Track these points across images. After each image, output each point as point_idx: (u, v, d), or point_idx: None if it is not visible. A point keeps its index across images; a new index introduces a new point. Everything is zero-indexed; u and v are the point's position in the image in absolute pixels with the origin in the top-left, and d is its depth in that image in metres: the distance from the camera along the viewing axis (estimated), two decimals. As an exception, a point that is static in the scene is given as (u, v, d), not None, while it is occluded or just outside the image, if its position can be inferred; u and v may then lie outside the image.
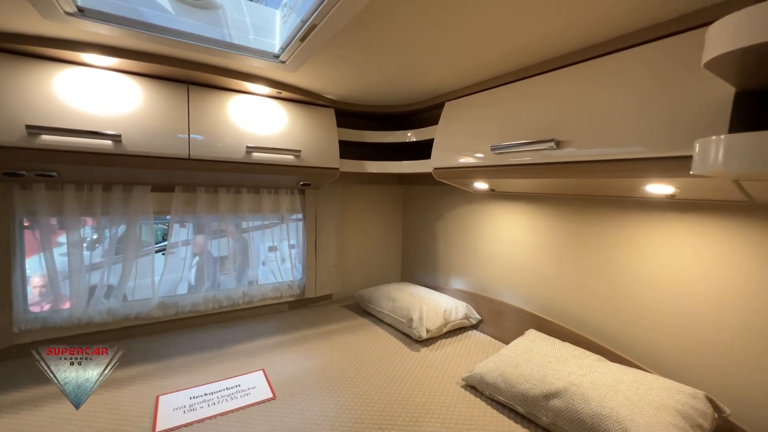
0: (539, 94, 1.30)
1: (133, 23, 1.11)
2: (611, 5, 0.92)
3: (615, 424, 0.98)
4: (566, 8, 0.95)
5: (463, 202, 2.18)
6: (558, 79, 1.23)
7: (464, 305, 1.98)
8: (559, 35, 1.10)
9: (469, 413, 1.24)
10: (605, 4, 0.91)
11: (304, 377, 1.46)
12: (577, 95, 1.15)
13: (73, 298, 1.67)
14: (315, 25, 1.04)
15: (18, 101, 1.26)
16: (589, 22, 1.00)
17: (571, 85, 1.18)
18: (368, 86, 1.74)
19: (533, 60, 1.30)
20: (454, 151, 1.70)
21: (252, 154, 1.69)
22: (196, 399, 1.28)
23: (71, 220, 1.65)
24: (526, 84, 1.37)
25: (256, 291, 2.15)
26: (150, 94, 1.50)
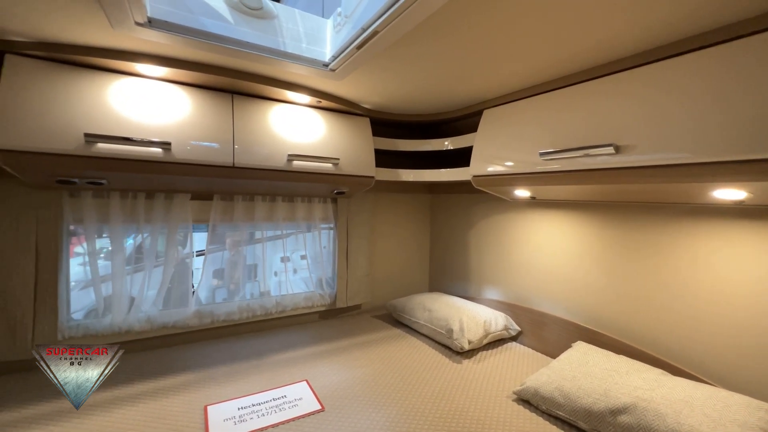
0: (593, 99, 1.28)
1: (196, 33, 1.14)
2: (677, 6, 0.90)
3: (697, 442, 0.92)
4: (629, 11, 0.94)
5: (497, 210, 2.15)
6: (617, 82, 1.21)
7: (503, 316, 1.93)
8: (617, 39, 1.09)
9: (527, 429, 1.19)
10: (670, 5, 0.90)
11: (350, 388, 1.42)
12: (641, 98, 1.13)
13: (114, 306, 1.67)
14: (376, 33, 1.04)
15: (77, 111, 1.29)
16: (652, 23, 0.99)
17: (633, 89, 1.16)
18: (405, 95, 1.75)
19: (586, 65, 1.29)
20: (496, 158, 1.68)
21: (293, 163, 1.70)
22: (244, 410, 1.25)
23: (115, 228, 1.66)
24: (576, 89, 1.35)
25: (289, 300, 2.13)
26: (197, 104, 1.52)
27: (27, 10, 1.04)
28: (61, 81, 1.29)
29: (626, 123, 1.16)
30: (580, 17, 0.99)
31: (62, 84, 1.29)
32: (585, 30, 1.06)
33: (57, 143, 1.25)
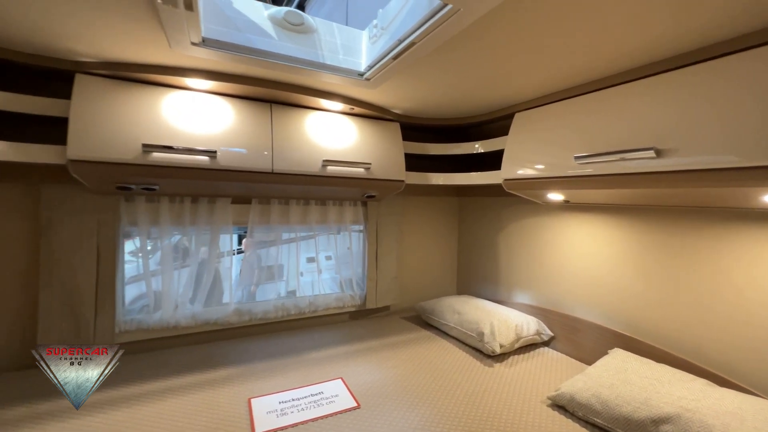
0: (630, 102, 1.26)
1: (244, 49, 1.22)
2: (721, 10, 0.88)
3: (747, 456, 0.89)
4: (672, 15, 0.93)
5: (528, 214, 2.13)
6: (657, 85, 1.19)
7: (535, 320, 1.91)
8: (658, 42, 1.07)
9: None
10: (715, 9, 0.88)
11: (383, 387, 1.46)
12: (682, 101, 1.10)
13: (163, 303, 1.80)
14: (413, 44, 1.08)
15: (135, 123, 1.41)
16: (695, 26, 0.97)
17: (674, 91, 1.13)
18: (436, 100, 1.78)
19: (623, 67, 1.27)
20: (528, 161, 1.67)
21: (327, 168, 1.76)
22: (285, 404, 1.32)
23: (165, 229, 1.79)
24: (613, 92, 1.33)
25: (321, 301, 2.21)
26: (239, 114, 1.61)
27: (95, 34, 1.16)
28: (122, 96, 1.41)
29: (667, 126, 1.14)
30: (621, 21, 0.98)
31: (122, 99, 1.41)
32: (625, 33, 1.05)
33: (119, 153, 1.37)
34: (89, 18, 1.05)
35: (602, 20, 0.98)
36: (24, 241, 1.58)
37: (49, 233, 1.56)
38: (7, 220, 1.55)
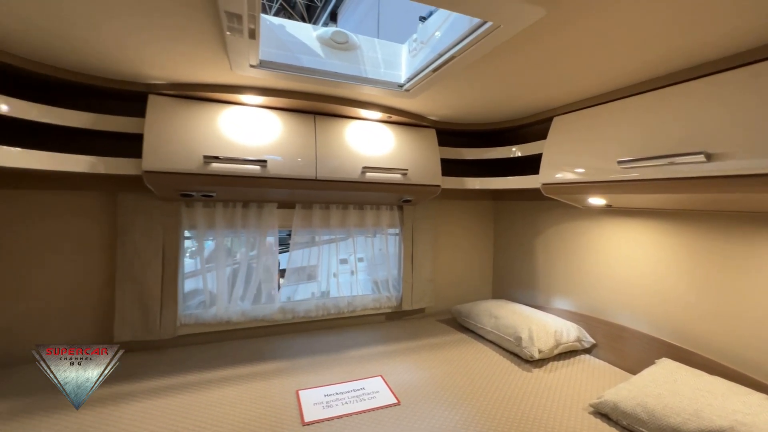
0: (677, 105, 1.23)
1: (295, 68, 1.33)
2: None
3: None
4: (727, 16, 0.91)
5: (568, 218, 2.09)
6: (706, 86, 1.15)
7: (575, 327, 1.88)
8: (707, 43, 1.04)
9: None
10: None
11: (422, 386, 1.51)
12: (734, 103, 1.07)
13: (218, 300, 1.97)
14: (453, 58, 1.13)
15: (197, 137, 1.57)
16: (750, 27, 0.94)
17: (725, 93, 1.10)
18: (472, 106, 1.81)
19: (669, 69, 1.24)
20: (568, 165, 1.66)
21: (366, 174, 1.85)
22: (330, 397, 1.41)
23: (219, 232, 1.96)
24: (658, 95, 1.30)
25: (359, 301, 2.29)
26: (286, 126, 1.74)
27: (168, 60, 1.32)
28: (186, 113, 1.58)
29: (717, 129, 1.10)
30: (668, 23, 0.98)
31: (186, 115, 1.57)
32: (670, 36, 1.03)
33: (184, 164, 1.53)
34: (164, 47, 1.20)
35: (648, 24, 0.98)
36: (102, 243, 1.79)
37: (124, 235, 1.76)
38: (89, 224, 1.77)
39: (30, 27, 1.08)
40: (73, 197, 1.74)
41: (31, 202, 1.66)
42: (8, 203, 1.62)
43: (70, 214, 1.74)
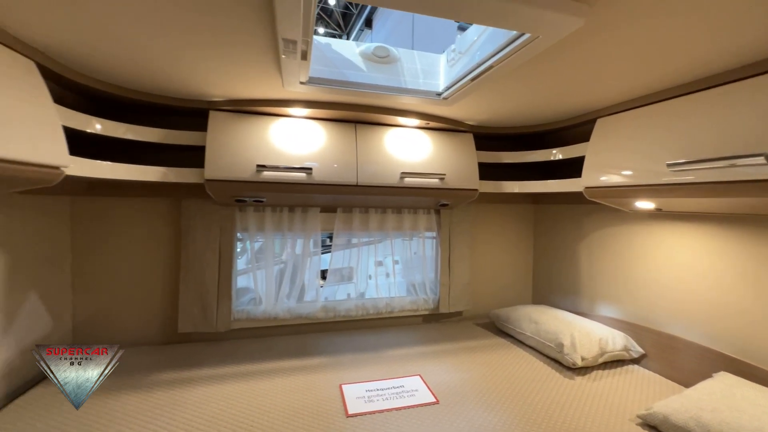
0: (731, 105, 1.17)
1: (340, 83, 1.43)
2: None
3: None
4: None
5: (613, 222, 2.01)
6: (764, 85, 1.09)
7: (622, 335, 1.81)
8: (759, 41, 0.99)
9: (655, 455, 1.14)
10: None
11: (460, 387, 1.54)
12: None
13: (267, 297, 2.12)
14: (491, 67, 1.17)
15: (250, 147, 1.71)
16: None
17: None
18: (511, 110, 1.81)
19: (723, 68, 1.18)
20: (613, 168, 1.61)
21: (405, 179, 1.91)
22: (371, 392, 1.48)
23: (268, 235, 2.11)
24: (708, 95, 1.24)
25: (397, 303, 2.36)
26: (329, 135, 1.85)
27: (228, 80, 1.46)
28: (241, 126, 1.73)
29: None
30: (723, 21, 0.95)
31: (241, 128, 1.73)
32: (721, 34, 1.00)
33: (239, 173, 1.68)
34: (227, 70, 1.34)
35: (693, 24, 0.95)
36: (169, 243, 2.00)
37: (187, 237, 1.96)
38: (158, 227, 1.99)
39: (118, 61, 1.27)
40: (143, 203, 1.97)
41: (108, 207, 1.90)
42: (90, 209, 1.87)
43: (142, 219, 1.97)
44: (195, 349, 1.88)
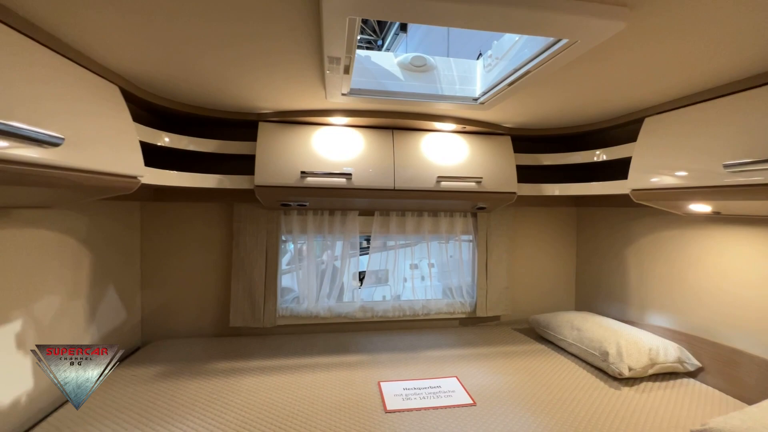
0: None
1: (379, 93, 1.50)
2: None
3: None
4: None
5: (665, 226, 1.90)
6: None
7: (675, 346, 1.70)
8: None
9: (711, 473, 1.07)
10: None
11: (498, 391, 1.54)
12: None
13: (309, 296, 2.23)
14: (528, 72, 1.17)
15: (295, 155, 1.83)
16: None
17: None
18: (550, 112, 1.78)
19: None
20: (663, 169, 1.54)
21: (441, 183, 1.94)
22: (408, 390, 1.53)
23: (310, 237, 2.23)
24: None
25: (433, 305, 2.38)
26: (367, 141, 1.92)
27: (278, 95, 1.59)
28: (286, 135, 1.86)
29: None
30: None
31: (286, 137, 1.85)
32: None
33: (285, 179, 1.81)
34: (277, 86, 1.46)
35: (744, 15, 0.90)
36: (221, 245, 2.19)
37: (238, 239, 2.13)
38: (212, 229, 2.18)
39: (180, 81, 1.43)
40: (200, 208, 2.16)
41: (170, 211, 2.11)
42: (156, 213, 2.09)
43: (198, 222, 2.17)
44: (244, 342, 2.04)
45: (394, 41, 10.21)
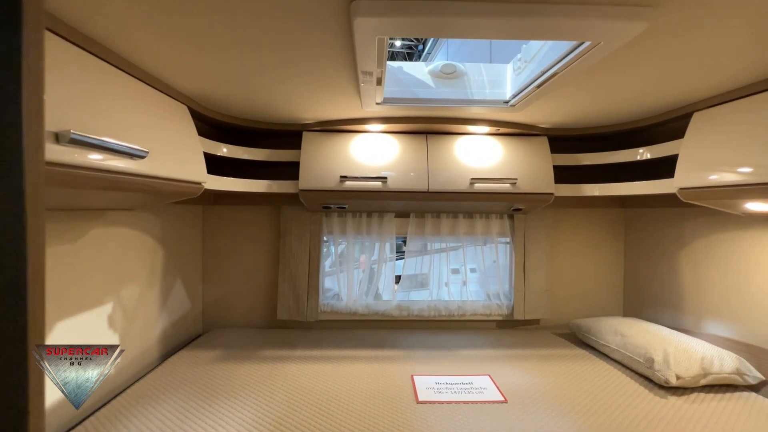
0: None
1: (411, 101, 1.60)
2: None
3: None
4: None
5: (722, 227, 1.77)
6: None
7: (734, 357, 1.57)
8: None
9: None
10: None
11: (531, 391, 1.54)
12: None
13: (349, 294, 2.37)
14: (555, 74, 1.20)
15: (335, 161, 1.98)
16: None
17: None
18: (587, 111, 1.75)
19: None
20: (713, 166, 1.45)
21: (474, 185, 1.97)
22: (440, 384, 1.58)
23: (349, 237, 2.37)
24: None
25: (469, 306, 2.40)
26: (402, 146, 2.02)
27: (319, 107, 1.74)
28: (327, 142, 2.01)
29: None
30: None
31: (327, 144, 2.01)
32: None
33: (326, 183, 1.95)
34: (318, 98, 1.61)
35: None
36: (269, 244, 2.40)
37: (284, 239, 2.32)
38: (262, 230, 2.40)
39: (235, 98, 1.63)
40: (251, 211, 2.39)
41: (225, 214, 2.36)
42: (215, 216, 2.35)
43: (250, 223, 2.40)
44: (289, 334, 2.21)
45: (435, 46, 10.25)
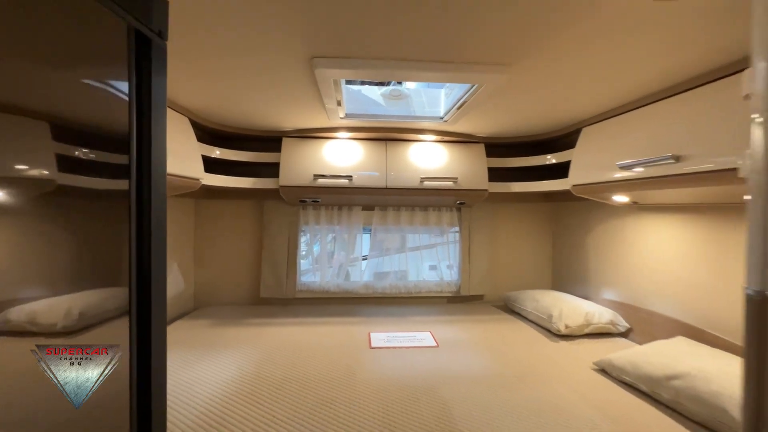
0: (654, 119, 1.51)
1: (368, 116, 2.04)
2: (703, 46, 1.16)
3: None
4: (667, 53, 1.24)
5: (611, 216, 2.30)
6: (676, 103, 1.43)
7: (611, 312, 2.10)
8: (684, 64, 1.35)
9: (601, 391, 1.50)
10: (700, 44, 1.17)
11: (459, 341, 2.01)
12: (698, 115, 1.34)
13: (322, 274, 2.79)
14: (466, 101, 1.67)
15: (309, 162, 2.40)
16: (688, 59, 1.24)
17: (692, 107, 1.37)
18: (504, 125, 2.24)
19: (648, 92, 1.52)
20: (591, 168, 1.96)
21: (423, 183, 2.43)
22: (390, 337, 2.03)
23: (323, 227, 2.79)
24: (644, 111, 1.58)
25: (424, 285, 2.87)
26: (366, 151, 2.46)
27: (296, 118, 2.16)
28: (303, 147, 2.43)
29: (684, 136, 1.37)
30: (653, 46, 1.34)
31: (302, 148, 2.42)
32: (656, 57, 1.38)
33: (302, 180, 2.37)
34: (296, 113, 2.03)
35: (632, 50, 1.35)
36: (253, 233, 2.79)
37: (267, 229, 2.72)
38: (247, 221, 2.79)
39: (228, 112, 2.03)
40: (238, 204, 2.78)
41: (214, 206, 2.74)
42: (206, 208, 2.72)
43: (236, 215, 2.78)
44: (271, 308, 2.61)
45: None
